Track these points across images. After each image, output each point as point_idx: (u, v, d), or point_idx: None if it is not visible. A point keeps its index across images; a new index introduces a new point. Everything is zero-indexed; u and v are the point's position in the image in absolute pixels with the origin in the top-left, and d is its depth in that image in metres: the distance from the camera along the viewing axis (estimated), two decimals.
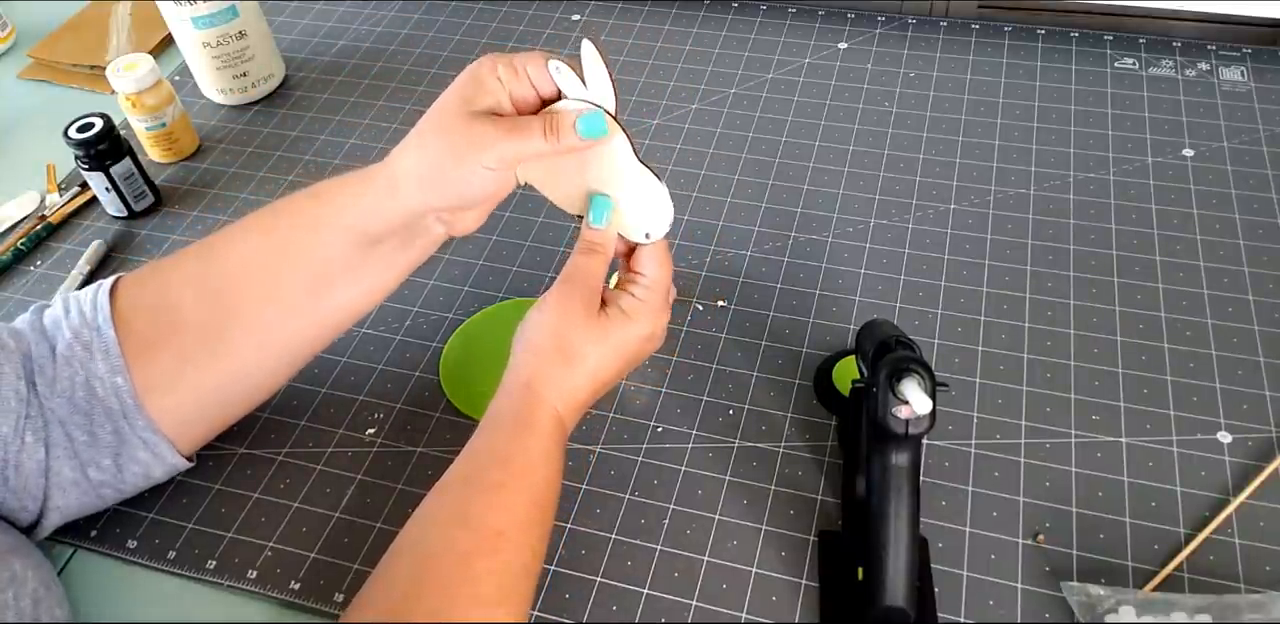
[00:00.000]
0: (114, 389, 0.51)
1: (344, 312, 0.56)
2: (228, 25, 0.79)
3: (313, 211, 0.53)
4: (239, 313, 0.53)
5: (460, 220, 0.54)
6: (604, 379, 0.51)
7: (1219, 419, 0.58)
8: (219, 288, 0.53)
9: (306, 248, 0.53)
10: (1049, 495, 0.55)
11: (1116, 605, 0.49)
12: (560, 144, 0.48)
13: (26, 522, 0.52)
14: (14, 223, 0.76)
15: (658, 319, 0.52)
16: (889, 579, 0.47)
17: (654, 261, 0.52)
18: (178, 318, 0.53)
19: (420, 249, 0.55)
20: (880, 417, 0.47)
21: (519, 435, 0.48)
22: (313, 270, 0.53)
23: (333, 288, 0.54)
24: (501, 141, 0.48)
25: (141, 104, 0.76)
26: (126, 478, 0.53)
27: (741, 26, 0.88)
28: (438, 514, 0.47)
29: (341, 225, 0.52)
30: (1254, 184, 0.71)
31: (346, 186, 0.53)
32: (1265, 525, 0.53)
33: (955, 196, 0.72)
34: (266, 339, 0.54)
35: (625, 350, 0.51)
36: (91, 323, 0.52)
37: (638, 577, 0.54)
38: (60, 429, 0.50)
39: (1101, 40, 0.84)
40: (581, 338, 0.50)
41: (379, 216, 0.52)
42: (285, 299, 0.53)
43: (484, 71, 0.49)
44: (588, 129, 0.48)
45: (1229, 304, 0.64)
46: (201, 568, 0.55)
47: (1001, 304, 0.65)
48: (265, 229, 0.54)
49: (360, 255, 0.53)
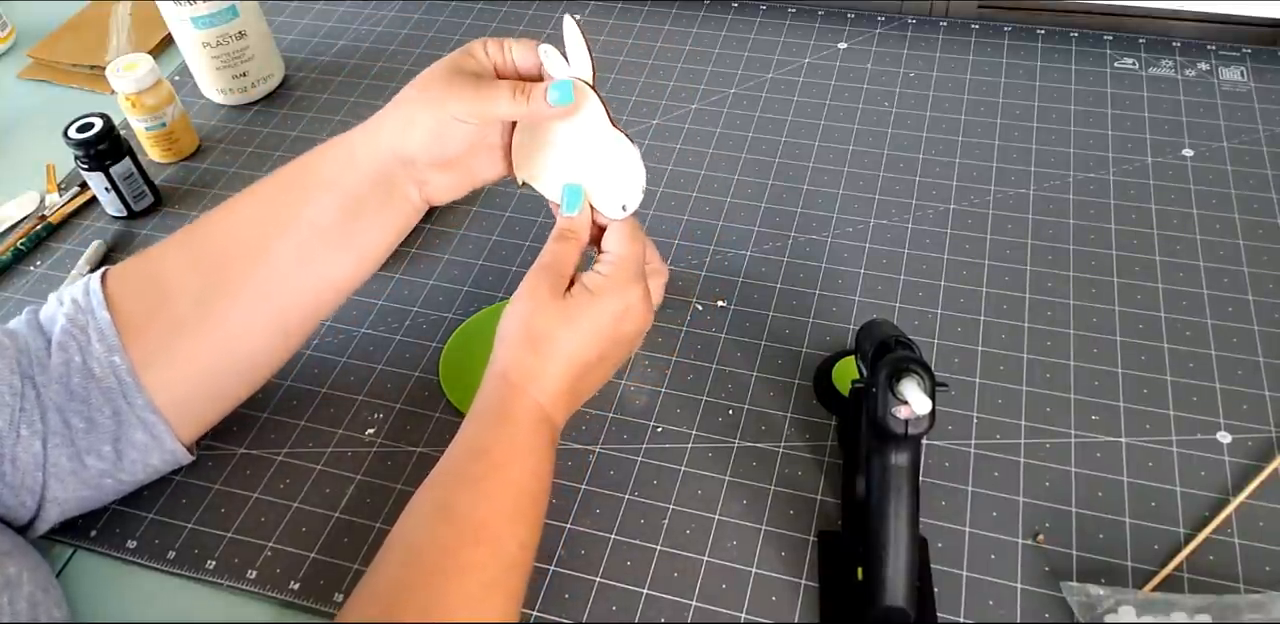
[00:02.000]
0: (111, 367, 0.51)
1: (333, 280, 0.56)
2: (228, 25, 0.79)
3: (298, 178, 0.55)
4: (228, 281, 0.53)
5: (435, 184, 0.55)
6: (582, 363, 0.50)
7: (1219, 419, 0.58)
8: (207, 258, 0.54)
9: (293, 213, 0.54)
10: (1049, 495, 0.55)
11: (1116, 605, 0.49)
12: (529, 107, 0.51)
13: (24, 518, 0.52)
14: (14, 223, 0.76)
15: (626, 292, 0.50)
16: (889, 579, 0.47)
17: (618, 237, 0.52)
18: (167, 290, 0.53)
19: (402, 216, 0.56)
20: (880, 417, 0.46)
21: (497, 427, 0.48)
22: (300, 236, 0.54)
23: (321, 254, 0.54)
24: (471, 95, 0.51)
25: (141, 104, 0.76)
26: (125, 465, 0.53)
27: (741, 26, 0.88)
28: (422, 509, 0.47)
29: (324, 186, 0.54)
30: (1254, 184, 0.71)
31: (328, 150, 0.55)
32: (1265, 525, 0.53)
33: (955, 196, 0.72)
34: (256, 307, 0.54)
35: (599, 330, 0.50)
36: (86, 308, 0.52)
37: (637, 577, 0.54)
38: (58, 416, 0.51)
39: (1101, 40, 0.84)
40: (548, 322, 0.49)
41: (357, 171, 0.53)
42: (274, 266, 0.53)
43: (475, 45, 0.54)
44: (559, 96, 0.50)
45: (1229, 304, 0.64)
46: (201, 568, 0.55)
47: (1001, 304, 0.65)
48: (252, 199, 0.55)
49: (345, 219, 0.54)
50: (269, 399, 0.63)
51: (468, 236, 0.72)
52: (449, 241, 0.72)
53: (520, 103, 0.51)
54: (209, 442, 0.60)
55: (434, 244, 0.72)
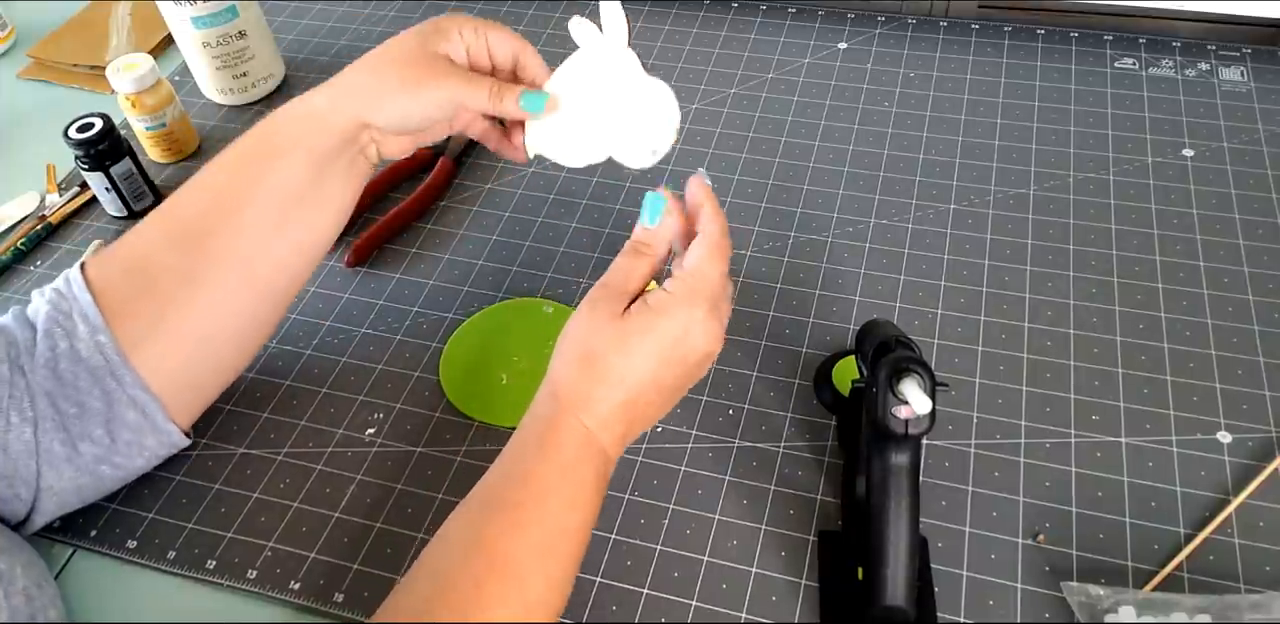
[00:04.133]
0: (97, 346, 0.51)
1: (310, 240, 0.56)
2: (228, 25, 0.79)
3: (264, 144, 0.55)
4: (209, 250, 0.53)
5: (389, 144, 0.56)
6: (638, 389, 0.46)
7: (1219, 419, 0.58)
8: (184, 234, 0.54)
9: (261, 179, 0.54)
10: (1049, 495, 0.55)
11: (1116, 605, 0.49)
12: (500, 107, 0.53)
13: (20, 511, 0.52)
14: (14, 223, 0.76)
15: (688, 312, 0.46)
16: (889, 579, 0.47)
17: (699, 253, 0.47)
18: (148, 270, 0.53)
19: (362, 173, 0.57)
20: (880, 417, 0.46)
21: (539, 452, 0.46)
22: (275, 197, 0.54)
23: (294, 215, 0.54)
24: (456, 84, 0.52)
25: (141, 104, 0.76)
26: (120, 448, 0.53)
27: (741, 26, 0.88)
28: (456, 534, 0.46)
29: (291, 150, 0.54)
30: (1254, 184, 0.71)
31: (292, 114, 0.55)
32: (1265, 525, 0.53)
33: (955, 196, 0.72)
34: (240, 276, 0.54)
35: (658, 354, 0.46)
36: (68, 295, 0.53)
37: (638, 577, 0.54)
38: (47, 400, 0.51)
39: (1101, 40, 0.84)
40: (603, 342, 0.46)
41: (325, 133, 0.54)
42: (250, 233, 0.54)
43: (448, 23, 0.54)
44: (527, 103, 0.52)
45: (1229, 304, 0.64)
46: (201, 568, 0.55)
47: (1001, 304, 0.65)
48: (220, 170, 0.55)
49: (314, 179, 0.54)
50: (269, 399, 0.63)
51: (468, 236, 0.72)
52: (449, 241, 0.72)
53: (494, 101, 0.53)
54: (209, 441, 0.61)
55: (434, 244, 0.72)
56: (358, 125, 0.54)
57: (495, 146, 0.59)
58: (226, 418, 0.62)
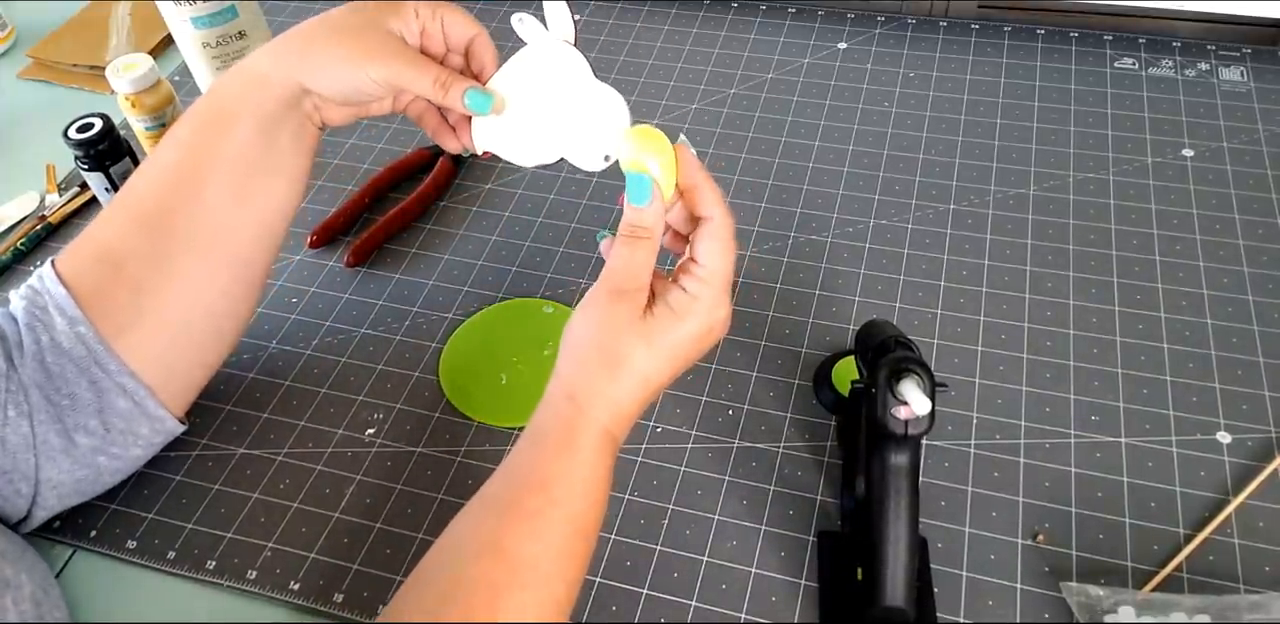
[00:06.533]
0: (78, 338, 0.51)
1: (273, 208, 0.55)
2: (227, 25, 0.79)
3: (212, 114, 0.54)
4: (174, 231, 0.53)
5: (330, 113, 0.55)
6: (657, 385, 0.47)
7: (1218, 419, 0.58)
8: (147, 217, 0.53)
9: (217, 147, 0.53)
10: (1049, 495, 0.55)
11: (1116, 606, 0.49)
12: (444, 99, 0.51)
13: (21, 507, 0.52)
14: (14, 223, 0.76)
15: (712, 314, 0.46)
16: (889, 579, 0.47)
17: (712, 247, 0.47)
18: (118, 258, 0.53)
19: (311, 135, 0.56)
20: (879, 417, 0.46)
21: (558, 456, 0.45)
22: (231, 169, 0.53)
23: (253, 183, 0.54)
24: (401, 66, 0.50)
25: (141, 104, 0.76)
26: (115, 438, 0.53)
27: (741, 26, 0.88)
28: (470, 539, 0.44)
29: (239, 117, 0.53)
30: (1254, 184, 0.71)
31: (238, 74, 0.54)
32: (1265, 525, 0.53)
33: (955, 196, 0.72)
34: (210, 252, 0.54)
35: (677, 352, 0.46)
36: (41, 289, 0.53)
37: (637, 577, 0.54)
38: (39, 393, 0.51)
39: (1101, 40, 0.84)
40: (628, 344, 0.45)
41: (270, 97, 0.52)
42: (212, 207, 0.53)
43: (406, 6, 0.52)
44: (473, 102, 0.50)
45: (1229, 304, 0.64)
46: (201, 568, 0.55)
47: (1001, 304, 0.65)
48: (173, 147, 0.54)
49: (266, 144, 0.53)
50: (269, 399, 0.63)
51: (468, 236, 0.72)
52: (449, 241, 0.72)
53: (438, 92, 0.51)
54: (209, 442, 0.61)
55: (434, 244, 0.72)
56: (300, 90, 0.53)
57: (432, 132, 0.57)
58: (226, 418, 0.62)
